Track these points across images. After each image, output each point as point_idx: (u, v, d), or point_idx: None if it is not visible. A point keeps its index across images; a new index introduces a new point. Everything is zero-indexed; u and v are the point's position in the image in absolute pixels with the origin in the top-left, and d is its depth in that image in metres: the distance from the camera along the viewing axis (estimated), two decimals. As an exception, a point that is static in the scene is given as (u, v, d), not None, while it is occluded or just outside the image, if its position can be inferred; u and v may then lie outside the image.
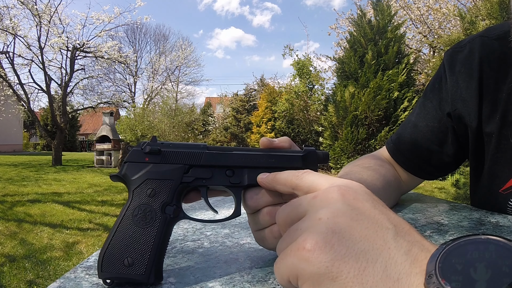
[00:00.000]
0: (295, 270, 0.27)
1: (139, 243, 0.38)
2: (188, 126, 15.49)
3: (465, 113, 0.72)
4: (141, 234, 0.38)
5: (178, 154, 0.42)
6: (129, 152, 0.41)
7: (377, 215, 0.28)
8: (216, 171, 0.42)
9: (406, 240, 0.26)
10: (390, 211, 0.30)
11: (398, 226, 0.27)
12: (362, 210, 0.29)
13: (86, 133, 31.75)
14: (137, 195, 0.40)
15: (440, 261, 0.23)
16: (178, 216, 0.41)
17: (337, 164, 7.01)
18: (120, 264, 0.37)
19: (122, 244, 0.38)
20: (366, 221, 0.28)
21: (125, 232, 0.38)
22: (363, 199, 0.30)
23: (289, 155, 0.43)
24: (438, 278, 0.22)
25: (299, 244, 0.28)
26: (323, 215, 0.28)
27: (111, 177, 0.42)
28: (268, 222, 0.42)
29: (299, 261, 0.27)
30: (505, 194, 0.70)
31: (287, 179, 0.37)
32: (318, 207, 0.30)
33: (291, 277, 0.28)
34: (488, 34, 0.72)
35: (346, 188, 0.30)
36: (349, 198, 0.29)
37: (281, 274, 0.29)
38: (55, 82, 12.68)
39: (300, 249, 0.27)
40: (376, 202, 0.30)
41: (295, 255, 0.28)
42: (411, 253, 0.25)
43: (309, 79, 9.94)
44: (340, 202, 0.29)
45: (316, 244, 0.27)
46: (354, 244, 0.26)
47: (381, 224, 0.27)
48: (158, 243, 0.38)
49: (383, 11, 6.91)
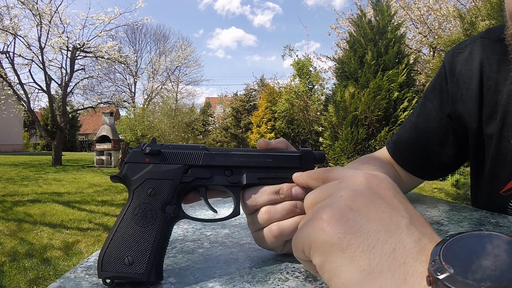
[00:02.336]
0: (309, 238, 0.29)
1: (139, 242, 0.38)
2: (188, 126, 15.49)
3: (465, 114, 0.72)
4: (141, 233, 0.38)
5: (178, 154, 0.42)
6: (129, 153, 0.42)
7: (396, 203, 0.30)
8: (215, 171, 0.43)
9: (418, 230, 0.27)
10: (409, 204, 0.31)
11: (413, 217, 0.29)
12: (382, 195, 0.30)
13: (86, 133, 31.76)
14: (138, 195, 0.40)
15: (444, 249, 0.24)
16: (178, 215, 0.41)
17: (337, 164, 7.02)
18: (120, 263, 0.37)
19: (122, 243, 0.38)
20: (383, 206, 0.29)
21: (126, 231, 0.38)
22: (386, 187, 0.31)
23: (286, 155, 0.45)
24: (442, 263, 0.23)
25: (318, 215, 0.29)
26: (344, 194, 0.30)
27: (111, 178, 0.42)
28: (267, 221, 0.42)
29: (314, 230, 0.29)
30: (506, 195, 0.70)
31: (319, 174, 0.38)
32: (342, 187, 0.31)
33: (305, 246, 0.29)
34: (489, 36, 0.72)
35: (372, 175, 0.32)
36: (372, 183, 0.31)
37: (297, 244, 0.31)
38: (55, 82, 12.69)
39: (317, 219, 0.29)
40: (398, 193, 0.31)
41: (312, 225, 0.29)
42: (421, 242, 0.26)
43: (309, 79, 9.94)
44: (363, 185, 0.31)
45: (333, 216, 0.28)
46: (368, 223, 0.27)
47: (398, 211, 0.29)
48: (158, 242, 0.39)
49: (383, 11, 6.91)
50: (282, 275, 0.41)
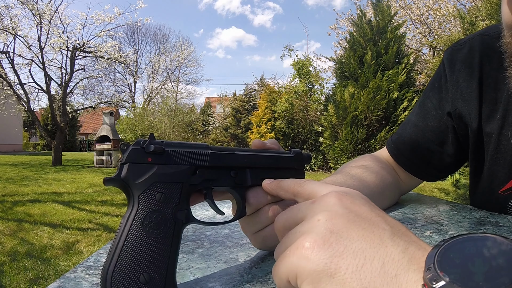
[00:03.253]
0: (294, 268, 0.28)
1: (154, 255, 0.34)
2: (188, 126, 15.50)
3: (465, 113, 0.71)
4: (155, 244, 0.34)
5: (183, 154, 0.38)
6: (128, 152, 0.36)
7: (374, 217, 0.29)
8: (222, 172, 0.41)
9: (403, 240, 0.27)
10: (387, 215, 0.30)
11: (394, 228, 0.28)
12: (359, 212, 0.29)
13: (86, 133, 31.74)
14: (145, 201, 0.35)
15: (438, 256, 0.23)
16: (189, 221, 0.38)
17: (337, 164, 7.01)
18: (135, 282, 0.32)
19: (134, 258, 0.33)
20: (363, 222, 0.28)
21: (137, 244, 0.33)
22: (360, 203, 0.31)
23: (283, 156, 0.46)
24: (437, 270, 0.22)
25: (298, 244, 0.28)
26: (321, 217, 0.29)
27: (105, 182, 0.36)
28: (271, 219, 0.43)
29: (298, 260, 0.28)
30: (505, 195, 0.70)
31: (290, 186, 0.38)
32: (317, 210, 0.30)
33: (290, 277, 0.28)
34: (489, 33, 0.72)
35: (344, 193, 0.31)
36: (346, 202, 0.30)
37: (279, 276, 0.29)
38: (55, 82, 12.68)
39: (299, 248, 0.28)
40: (373, 207, 0.31)
41: (294, 254, 0.28)
42: (408, 251, 0.26)
43: (309, 79, 9.94)
44: (338, 205, 0.30)
45: (315, 242, 0.27)
46: (351, 243, 0.27)
47: (378, 225, 0.28)
48: (174, 253, 0.35)
49: (383, 11, 6.91)
50: (282, 275, 0.41)
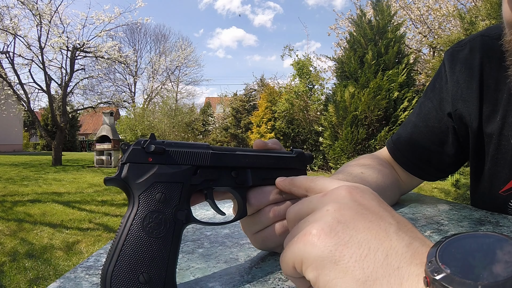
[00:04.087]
0: (300, 254, 0.29)
1: (154, 255, 0.34)
2: (188, 126, 15.50)
3: (465, 113, 0.72)
4: (155, 244, 0.34)
5: (184, 154, 0.38)
6: (129, 152, 0.37)
7: (381, 211, 0.30)
8: (222, 172, 0.41)
9: (408, 235, 0.28)
10: (394, 211, 0.31)
11: (400, 223, 0.29)
12: (367, 206, 0.30)
13: (86, 133, 31.76)
14: (145, 201, 0.35)
15: (440, 250, 0.24)
16: (189, 221, 0.38)
17: (337, 164, 7.01)
18: (134, 282, 0.33)
19: (134, 258, 0.33)
20: (370, 215, 0.29)
21: (137, 244, 0.34)
22: (370, 198, 0.32)
23: (285, 157, 0.46)
24: (438, 263, 0.23)
25: (306, 231, 0.29)
26: (330, 207, 0.30)
27: (106, 182, 0.37)
28: (271, 219, 0.43)
29: (304, 245, 0.29)
30: (505, 195, 0.70)
31: (302, 182, 0.39)
32: (327, 202, 0.32)
33: (296, 263, 0.29)
34: (489, 33, 0.72)
35: (354, 187, 0.33)
36: (356, 195, 0.31)
37: (286, 262, 0.31)
38: (55, 82, 12.68)
39: (306, 235, 0.29)
40: (381, 202, 0.32)
41: (301, 241, 0.29)
42: (412, 246, 0.27)
43: (309, 79, 9.94)
44: (348, 198, 0.31)
45: (322, 230, 0.28)
46: (357, 233, 0.28)
47: (385, 219, 0.29)
48: (174, 253, 0.35)
49: (383, 11, 6.91)
50: (282, 275, 0.41)
